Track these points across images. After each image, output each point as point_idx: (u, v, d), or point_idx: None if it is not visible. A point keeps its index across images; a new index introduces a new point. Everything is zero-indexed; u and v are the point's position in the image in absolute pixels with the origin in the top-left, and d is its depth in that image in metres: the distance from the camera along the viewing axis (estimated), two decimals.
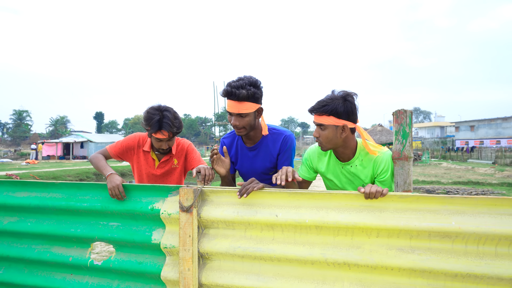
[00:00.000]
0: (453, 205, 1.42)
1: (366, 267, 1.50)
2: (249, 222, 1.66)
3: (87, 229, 1.98)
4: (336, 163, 1.98)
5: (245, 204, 1.69)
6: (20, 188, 2.14)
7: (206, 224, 1.74)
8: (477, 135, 52.70)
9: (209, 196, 1.75)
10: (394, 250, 1.47)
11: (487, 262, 1.35)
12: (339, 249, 1.53)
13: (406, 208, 1.47)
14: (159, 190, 1.85)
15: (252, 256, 1.65)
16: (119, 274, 1.92)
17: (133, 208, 1.88)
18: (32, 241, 2.10)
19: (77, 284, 1.99)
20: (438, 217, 1.42)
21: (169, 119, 2.24)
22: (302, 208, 1.60)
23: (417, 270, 1.43)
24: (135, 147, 2.52)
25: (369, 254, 1.49)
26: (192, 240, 1.68)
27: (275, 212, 1.62)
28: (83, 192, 2.01)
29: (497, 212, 1.36)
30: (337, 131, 1.82)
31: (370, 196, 1.49)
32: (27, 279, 2.08)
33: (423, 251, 1.43)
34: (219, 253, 1.70)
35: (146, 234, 1.85)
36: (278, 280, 1.61)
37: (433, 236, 1.42)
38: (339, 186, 2.01)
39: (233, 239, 1.69)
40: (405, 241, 1.46)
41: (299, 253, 1.58)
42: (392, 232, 1.47)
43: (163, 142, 2.33)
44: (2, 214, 2.15)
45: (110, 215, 1.95)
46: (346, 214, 1.53)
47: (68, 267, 2.01)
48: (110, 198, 1.94)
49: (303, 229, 1.59)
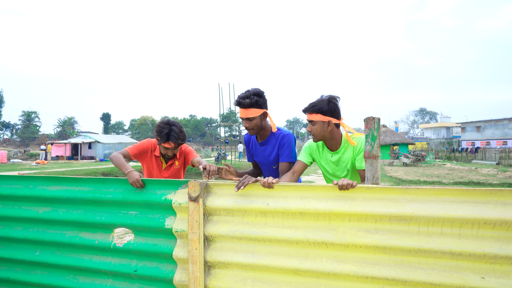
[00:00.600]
0: (408, 195, 1.76)
1: (340, 245, 1.84)
2: (246, 210, 2.01)
3: (110, 217, 2.34)
4: (327, 153, 2.45)
5: (242, 195, 2.04)
6: (53, 182, 2.52)
7: (210, 211, 2.09)
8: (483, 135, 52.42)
9: (213, 189, 2.11)
10: (363, 232, 1.81)
11: (434, 239, 1.68)
12: (318, 231, 1.88)
13: (372, 197, 1.81)
14: (171, 183, 2.21)
15: (248, 238, 2.00)
16: (137, 255, 2.29)
17: (149, 199, 2.24)
18: (63, 227, 2.47)
19: (102, 264, 2.35)
20: (397, 205, 1.76)
21: (176, 133, 2.74)
22: (288, 198, 1.95)
23: (380, 247, 1.77)
24: (149, 151, 2.97)
25: (343, 235, 1.83)
26: (199, 225, 2.03)
27: (266, 201, 1.97)
28: (107, 185, 2.38)
29: (442, 200, 1.70)
30: (324, 126, 2.30)
31: (343, 188, 1.83)
32: (59, 259, 2.46)
33: (385, 232, 1.77)
34: (221, 235, 2.05)
35: (160, 220, 2.21)
36: (269, 257, 1.96)
37: (393, 219, 1.76)
38: (330, 172, 2.48)
39: (232, 224, 2.04)
40: (371, 224, 1.80)
41: (286, 235, 1.93)
42: (361, 217, 1.81)
43: (169, 150, 2.85)
44: (38, 205, 2.53)
45: (130, 205, 2.31)
46: (324, 202, 1.88)
47: (94, 249, 2.38)
48: (130, 191, 2.31)
49: (290, 215, 1.94)
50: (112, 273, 2.32)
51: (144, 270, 2.25)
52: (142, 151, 2.96)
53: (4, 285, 2.61)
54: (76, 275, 2.43)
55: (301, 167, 2.49)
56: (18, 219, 2.57)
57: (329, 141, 2.39)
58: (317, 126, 2.31)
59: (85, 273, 2.41)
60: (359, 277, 1.80)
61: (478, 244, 1.62)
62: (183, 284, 2.12)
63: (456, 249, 1.64)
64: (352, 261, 1.83)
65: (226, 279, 2.04)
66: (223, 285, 2.04)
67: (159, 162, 3.02)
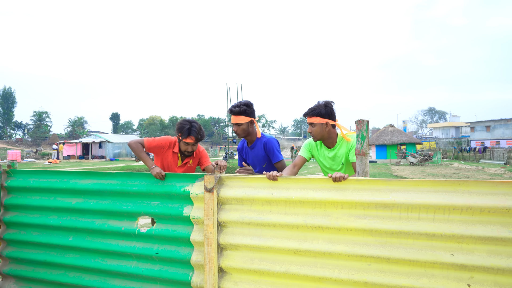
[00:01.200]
0: (391, 186, 2.06)
1: (334, 229, 2.15)
2: (253, 199, 2.34)
3: (135, 207, 2.69)
4: (325, 150, 2.81)
5: (251, 187, 2.37)
6: (84, 176, 2.87)
7: (223, 201, 2.42)
8: (493, 135, 51.94)
9: (225, 181, 2.44)
10: (353, 217, 2.12)
11: (412, 223, 1.99)
12: (315, 217, 2.20)
13: (361, 188, 2.12)
14: (189, 177, 2.55)
15: (255, 223, 2.32)
16: (159, 240, 2.63)
17: (169, 190, 2.58)
18: (93, 216, 2.83)
19: (127, 248, 2.70)
20: (382, 194, 2.07)
21: (196, 128, 3.02)
22: (290, 189, 2.27)
23: (367, 230, 2.08)
24: (166, 147, 3.25)
25: (336, 220, 2.15)
26: (213, 212, 2.37)
27: (271, 192, 2.30)
28: (132, 179, 2.73)
29: (419, 189, 2.00)
30: (323, 127, 2.66)
31: (336, 180, 2.14)
32: (89, 244, 2.81)
33: (372, 217, 2.08)
34: (232, 221, 2.38)
35: (179, 209, 2.55)
36: (273, 240, 2.28)
37: (378, 206, 2.07)
38: (327, 166, 2.83)
39: (242, 211, 2.37)
40: (360, 210, 2.11)
41: (288, 220, 2.25)
42: (351, 205, 2.13)
43: (189, 146, 3.07)
44: (71, 196, 2.89)
45: (152, 196, 2.65)
46: (320, 192, 2.19)
47: (120, 235, 2.73)
48: (153, 184, 2.65)
49: (291, 203, 2.26)
50: (137, 255, 2.67)
51: (164, 252, 2.59)
52: (160, 146, 3.15)
53: (42, 266, 2.97)
54: (105, 258, 2.78)
55: (301, 161, 2.85)
56: (53, 209, 2.93)
57: (327, 140, 2.75)
58: (317, 128, 2.67)
59: (113, 256, 2.76)
60: (350, 256, 2.11)
61: (448, 226, 1.92)
62: (199, 264, 2.46)
63: (430, 231, 1.94)
64: (344, 242, 2.14)
65: (236, 259, 2.37)
66: (234, 264, 2.36)
67: (176, 158, 3.24)
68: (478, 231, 1.87)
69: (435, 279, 1.95)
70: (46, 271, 2.95)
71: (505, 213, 1.83)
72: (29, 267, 3.02)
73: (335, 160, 2.75)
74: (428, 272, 1.97)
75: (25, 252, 3.03)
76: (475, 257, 1.87)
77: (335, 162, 2.75)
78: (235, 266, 2.36)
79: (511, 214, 1.83)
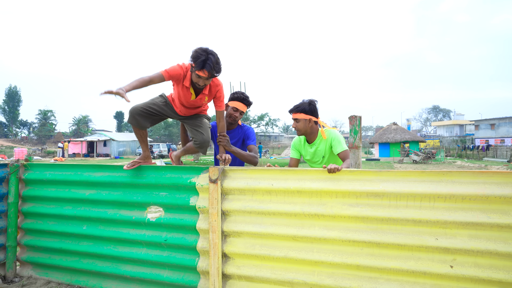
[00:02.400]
0: (381, 176, 2.24)
1: (329, 216, 2.33)
2: (255, 189, 2.52)
3: (145, 197, 2.88)
4: (307, 145, 3.04)
5: (252, 178, 2.55)
6: (97, 169, 3.07)
7: (226, 191, 2.61)
8: (498, 133, 51.72)
9: (228, 173, 2.62)
10: (346, 205, 2.30)
11: (401, 210, 2.16)
12: (312, 206, 2.37)
13: (354, 178, 2.30)
14: (195, 169, 2.74)
15: (256, 212, 2.51)
16: (167, 228, 2.82)
17: (177, 182, 2.77)
18: (106, 206, 3.02)
19: (138, 235, 2.89)
20: (373, 184, 2.24)
21: (212, 62, 2.58)
22: (288, 180, 2.45)
23: (359, 217, 2.26)
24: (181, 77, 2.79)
25: (331, 208, 2.33)
26: (217, 202, 2.55)
27: (271, 182, 2.48)
28: (142, 172, 2.92)
29: (407, 180, 2.18)
30: (306, 122, 2.91)
31: (331, 171, 2.32)
32: (102, 232, 3.01)
33: (364, 205, 2.26)
34: (235, 210, 2.56)
35: (185, 199, 2.74)
36: (273, 227, 2.46)
37: (369, 195, 2.24)
38: (309, 159, 3.07)
39: (244, 201, 2.55)
40: (352, 199, 2.29)
41: (287, 209, 2.43)
42: (345, 194, 2.30)
43: (201, 80, 2.66)
44: (85, 188, 3.09)
45: (161, 187, 2.84)
46: (316, 183, 2.37)
47: (131, 224, 2.92)
48: (161, 176, 2.84)
49: (289, 193, 2.44)
50: (146, 243, 2.86)
51: (172, 240, 2.78)
52: (177, 75, 2.75)
53: (57, 254, 3.18)
54: (116, 245, 2.98)
55: (294, 162, 3.15)
56: (68, 200, 3.13)
57: (309, 135, 2.99)
58: (301, 123, 2.91)
59: (124, 244, 2.95)
60: (343, 241, 2.29)
61: (433, 213, 2.09)
62: (204, 250, 2.64)
63: (417, 217, 2.12)
64: (338, 229, 2.32)
65: (239, 245, 2.55)
66: (236, 250, 2.55)
67: (188, 93, 2.83)
68: (460, 217, 2.04)
69: (421, 261, 2.12)
70: (62, 258, 3.16)
71: (484, 200, 2.00)
72: (45, 254, 3.23)
73: (316, 153, 2.98)
74: (415, 255, 2.14)
75: (41, 241, 3.23)
76: (457, 241, 2.04)
77: (316, 155, 2.98)
78: (238, 251, 2.54)
79: (489, 201, 2.00)
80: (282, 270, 2.44)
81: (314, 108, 2.89)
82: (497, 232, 1.99)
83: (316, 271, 2.36)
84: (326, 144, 2.92)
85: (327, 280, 2.31)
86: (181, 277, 2.75)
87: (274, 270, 2.46)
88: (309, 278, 2.36)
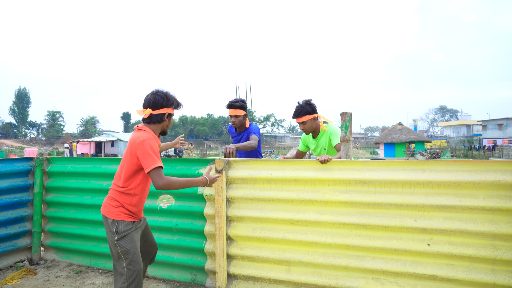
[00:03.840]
0: (368, 166, 2.52)
1: (322, 202, 2.61)
2: (256, 179, 2.81)
3: None
4: (312, 139, 3.34)
5: (253, 168, 2.84)
6: (114, 162, 3.39)
7: (231, 181, 2.90)
8: (506, 133, 51.33)
9: (232, 164, 2.92)
10: (337, 192, 2.58)
11: (385, 196, 2.44)
12: (307, 193, 2.66)
13: (344, 168, 2.58)
14: (202, 161, 3.04)
15: (257, 199, 2.80)
16: (177, 214, 3.12)
17: (186, 172, 3.07)
18: None
19: (151, 221, 3.19)
20: (361, 172, 2.52)
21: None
22: (286, 170, 2.74)
23: (349, 203, 2.54)
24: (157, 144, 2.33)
25: (324, 194, 2.61)
26: (222, 190, 2.85)
27: (270, 172, 2.77)
28: None
29: (391, 168, 2.45)
30: (312, 121, 3.16)
31: (323, 162, 2.60)
32: None
33: (352, 192, 2.54)
34: (238, 197, 2.86)
35: (194, 188, 3.04)
36: (272, 212, 2.75)
37: (358, 183, 2.52)
38: (316, 152, 3.35)
39: (246, 189, 2.85)
40: (343, 186, 2.57)
41: (284, 196, 2.71)
42: (336, 182, 2.58)
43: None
44: (103, 179, 3.40)
45: None
46: (311, 172, 2.66)
47: (145, 211, 3.22)
48: (172, 167, 3.14)
49: (287, 181, 2.73)
50: (159, 228, 3.17)
51: (182, 225, 3.08)
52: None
53: (78, 239, 3.50)
54: None
55: (299, 154, 3.49)
56: (88, 190, 3.45)
57: (315, 131, 3.27)
58: (308, 124, 3.16)
59: None
60: (334, 224, 2.57)
61: (413, 198, 2.36)
62: (211, 234, 2.94)
63: (399, 202, 2.39)
64: (330, 213, 2.60)
65: (242, 229, 2.84)
66: (240, 233, 2.84)
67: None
68: (436, 201, 2.31)
69: (402, 241, 2.39)
70: (82, 243, 3.48)
71: (456, 185, 2.27)
72: (67, 239, 3.56)
73: (319, 146, 3.28)
74: (397, 236, 2.42)
75: (63, 227, 3.56)
76: (433, 222, 2.32)
77: (318, 147, 3.29)
78: (241, 234, 2.84)
79: (461, 187, 2.27)
80: (280, 251, 2.73)
81: (313, 107, 3.14)
82: (467, 214, 2.26)
83: (310, 251, 2.64)
84: (326, 137, 3.20)
85: (320, 259, 2.59)
86: (190, 259, 3.05)
87: (273, 250, 2.75)
88: (304, 257, 2.64)
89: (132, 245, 2.18)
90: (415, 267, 2.36)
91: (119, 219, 2.18)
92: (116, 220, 2.18)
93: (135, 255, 2.19)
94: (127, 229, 2.18)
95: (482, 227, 2.21)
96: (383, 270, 2.43)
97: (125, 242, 2.17)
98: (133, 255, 2.18)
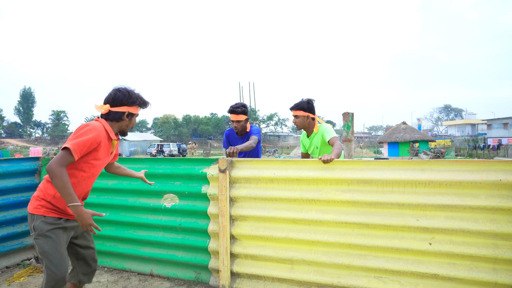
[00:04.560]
0: (370, 166, 2.54)
1: (324, 201, 2.64)
2: (259, 178, 2.84)
3: (161, 186, 3.22)
4: (307, 138, 3.42)
5: (256, 168, 2.87)
6: (118, 162, 3.42)
7: (234, 180, 2.93)
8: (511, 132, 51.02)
9: (235, 164, 2.95)
10: (339, 191, 2.60)
11: (387, 195, 2.46)
12: (309, 192, 2.68)
13: (346, 168, 2.60)
14: (206, 161, 3.07)
15: (260, 198, 2.83)
16: (181, 213, 3.16)
17: (190, 172, 3.11)
18: (126, 195, 3.38)
19: (155, 220, 3.24)
20: (363, 172, 2.54)
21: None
22: (289, 169, 2.76)
23: (351, 202, 2.56)
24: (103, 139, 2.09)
25: (326, 194, 2.63)
26: (226, 189, 2.88)
27: (273, 172, 2.80)
28: (159, 163, 3.27)
29: (392, 168, 2.47)
30: (304, 119, 3.27)
31: (326, 162, 2.62)
32: (123, 218, 3.37)
33: (355, 191, 2.56)
34: (241, 197, 2.89)
35: (197, 188, 3.07)
36: (275, 211, 2.78)
37: (360, 182, 2.54)
38: (310, 150, 3.41)
39: (249, 188, 2.88)
40: (345, 186, 2.59)
41: (287, 195, 2.74)
42: (338, 181, 2.61)
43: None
44: (107, 179, 3.45)
45: (176, 177, 3.18)
46: (313, 171, 2.68)
47: (149, 210, 3.27)
48: (176, 167, 3.18)
49: (289, 181, 2.75)
50: (163, 227, 3.20)
51: (186, 224, 3.11)
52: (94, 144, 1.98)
53: None
54: (136, 229, 3.33)
55: (304, 156, 3.53)
56: (93, 189, 3.49)
57: (307, 129, 3.38)
58: (300, 119, 3.28)
59: (143, 228, 3.30)
60: (337, 223, 2.59)
61: (415, 197, 2.38)
62: (214, 232, 2.97)
63: (400, 201, 2.41)
64: (332, 212, 2.62)
65: (245, 228, 2.87)
66: (243, 232, 2.87)
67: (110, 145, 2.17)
68: (437, 201, 2.32)
69: (404, 240, 2.41)
70: None
71: (458, 185, 2.29)
72: None
73: (312, 145, 3.37)
74: (399, 235, 2.44)
75: None
76: (435, 221, 2.33)
77: (312, 146, 3.37)
78: (244, 233, 2.87)
79: (463, 186, 2.28)
80: (283, 249, 2.76)
81: (311, 106, 3.24)
82: (469, 213, 2.27)
83: (313, 250, 2.67)
84: (319, 136, 3.27)
85: (323, 258, 2.62)
86: (194, 257, 3.09)
87: (276, 249, 2.78)
88: (307, 256, 2.67)
89: (51, 247, 1.86)
90: (417, 266, 2.37)
91: (38, 213, 1.86)
92: (34, 215, 1.86)
93: (56, 259, 1.87)
94: (46, 228, 1.85)
95: (483, 227, 2.23)
96: (385, 269, 2.45)
97: (44, 243, 1.85)
98: (53, 259, 1.86)
